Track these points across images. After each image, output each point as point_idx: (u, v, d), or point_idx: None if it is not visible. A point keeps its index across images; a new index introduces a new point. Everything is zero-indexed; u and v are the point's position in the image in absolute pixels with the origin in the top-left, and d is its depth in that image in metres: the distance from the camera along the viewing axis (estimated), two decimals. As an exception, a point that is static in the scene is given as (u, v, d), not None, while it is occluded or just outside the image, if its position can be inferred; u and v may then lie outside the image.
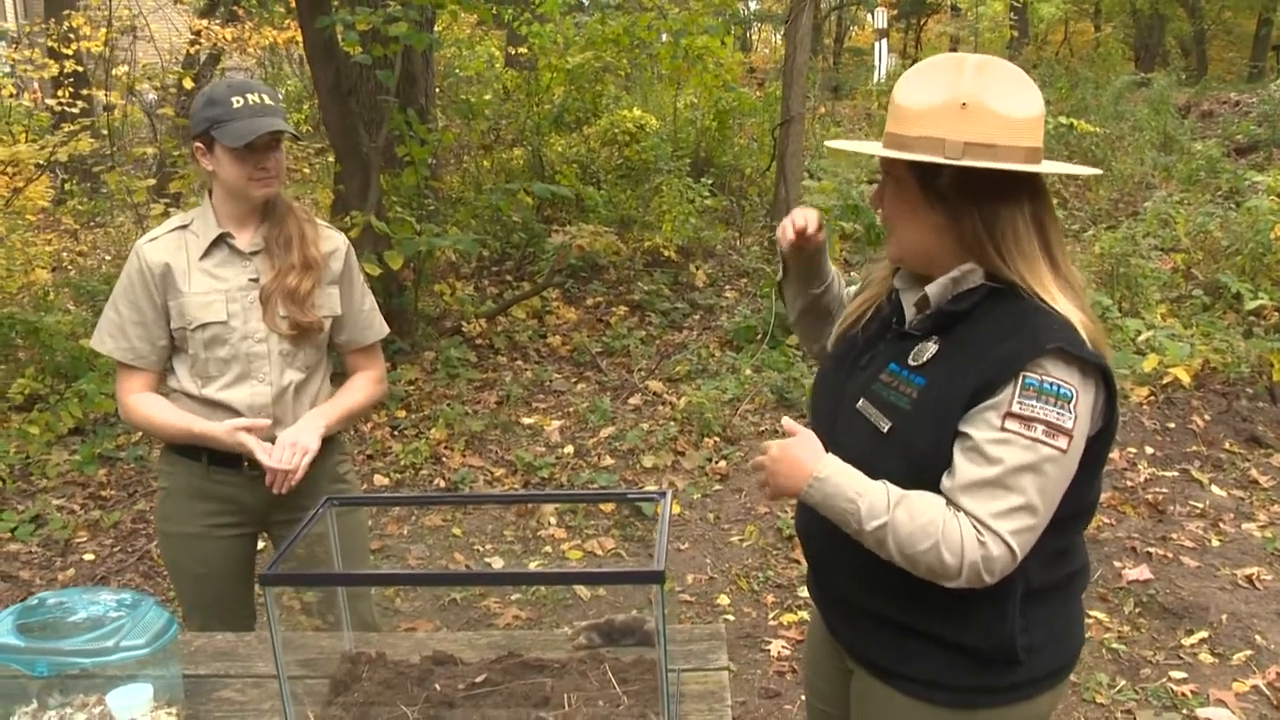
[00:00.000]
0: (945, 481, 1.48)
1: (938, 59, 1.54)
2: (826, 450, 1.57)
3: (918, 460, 1.51)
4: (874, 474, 1.53)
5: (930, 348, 1.56)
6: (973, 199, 1.50)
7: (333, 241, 2.47)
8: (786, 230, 1.79)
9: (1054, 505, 1.47)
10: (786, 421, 1.67)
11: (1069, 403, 1.44)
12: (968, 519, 1.44)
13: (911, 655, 1.62)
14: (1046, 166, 1.51)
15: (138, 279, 2.32)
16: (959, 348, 1.53)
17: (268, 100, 2.28)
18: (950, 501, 1.47)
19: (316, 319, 2.38)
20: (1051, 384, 1.44)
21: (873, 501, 1.47)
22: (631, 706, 1.67)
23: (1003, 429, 1.44)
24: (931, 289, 1.58)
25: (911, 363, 1.57)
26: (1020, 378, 1.44)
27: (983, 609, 1.54)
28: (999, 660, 1.58)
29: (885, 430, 1.56)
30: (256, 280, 2.35)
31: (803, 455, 1.56)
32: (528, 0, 9.34)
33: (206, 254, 2.34)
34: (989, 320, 1.52)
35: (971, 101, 1.47)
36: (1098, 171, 1.69)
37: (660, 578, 1.50)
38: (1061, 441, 1.43)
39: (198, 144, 2.30)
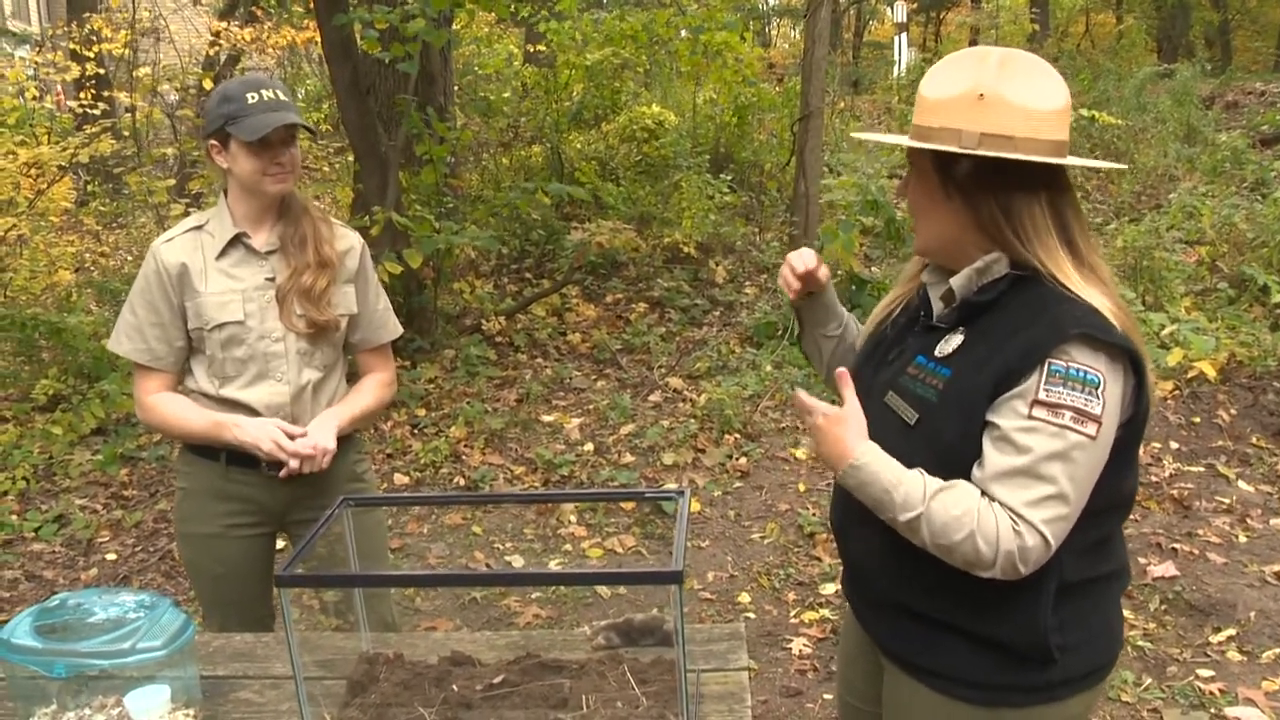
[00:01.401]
0: (976, 472, 1.47)
1: (964, 52, 1.56)
2: None
3: (945, 452, 1.51)
4: (904, 464, 1.52)
5: (956, 339, 1.56)
6: (989, 189, 1.51)
7: (348, 240, 2.47)
8: (789, 277, 1.81)
9: (1085, 494, 1.46)
10: (841, 372, 1.63)
11: (1096, 389, 1.42)
12: (1003, 509, 1.43)
13: (942, 651, 1.61)
14: (1060, 158, 1.50)
15: (154, 280, 2.31)
16: (983, 337, 1.52)
17: (282, 96, 2.29)
18: (983, 492, 1.46)
19: (333, 318, 2.38)
20: (1078, 370, 1.43)
21: (908, 492, 1.47)
22: (650, 708, 1.65)
23: (1030, 417, 1.43)
24: (956, 281, 1.58)
25: (938, 355, 1.57)
26: (1046, 365, 1.43)
27: (1015, 602, 1.53)
28: (1032, 658, 1.55)
29: (913, 423, 1.56)
30: (273, 279, 2.34)
31: (846, 436, 1.55)
32: (546, -2, 9.35)
33: (223, 254, 2.33)
34: (1012, 309, 1.51)
35: (989, 92, 1.47)
36: (1120, 166, 1.67)
37: (678, 578, 1.48)
38: (1090, 428, 1.42)
39: (213, 142, 2.30)
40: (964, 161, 1.50)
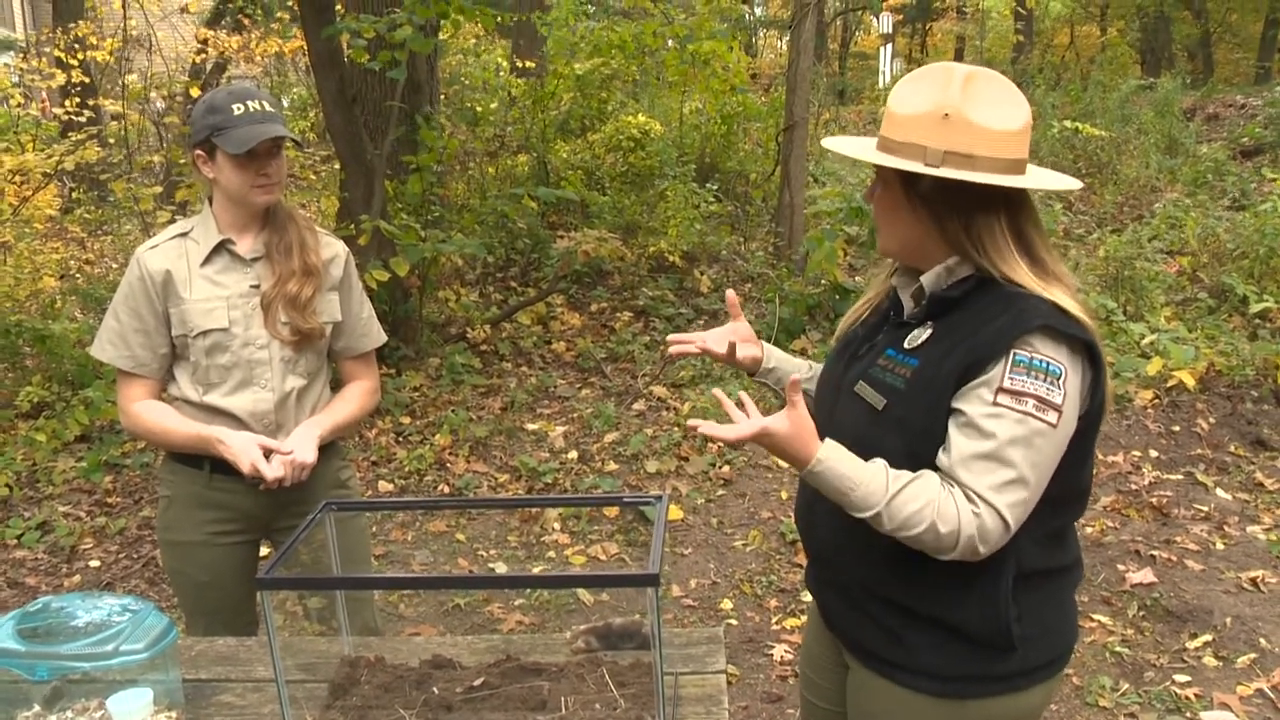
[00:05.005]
0: (942, 457, 1.53)
1: (932, 67, 1.61)
2: (822, 432, 1.58)
3: (912, 436, 1.57)
4: (872, 449, 1.57)
5: (924, 332, 1.62)
6: (950, 204, 1.57)
7: (332, 248, 2.48)
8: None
9: (1045, 480, 1.52)
10: (793, 379, 1.57)
11: (1058, 379, 1.49)
12: (961, 492, 1.49)
13: (908, 643, 1.65)
14: (1023, 181, 1.55)
15: (138, 286, 2.32)
16: (951, 330, 1.58)
17: (268, 107, 2.29)
18: (948, 475, 1.51)
19: (318, 325, 2.39)
20: (1041, 361, 1.49)
21: (868, 491, 1.51)
22: (628, 710, 1.68)
23: (995, 404, 1.49)
24: (926, 278, 1.64)
25: (907, 347, 1.63)
26: (1010, 355, 1.50)
27: (976, 587, 1.58)
28: (995, 645, 1.60)
29: (880, 408, 1.62)
30: (257, 287, 2.35)
31: (799, 445, 1.54)
32: (531, 8, 9.38)
33: (207, 261, 2.34)
34: (979, 305, 1.58)
35: (954, 112, 1.53)
36: (1076, 185, 1.70)
37: (655, 580, 1.51)
38: (1051, 416, 1.48)
39: (198, 151, 2.31)
40: (927, 178, 1.56)
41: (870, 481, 1.51)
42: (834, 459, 1.53)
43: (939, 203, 1.58)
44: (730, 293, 2.00)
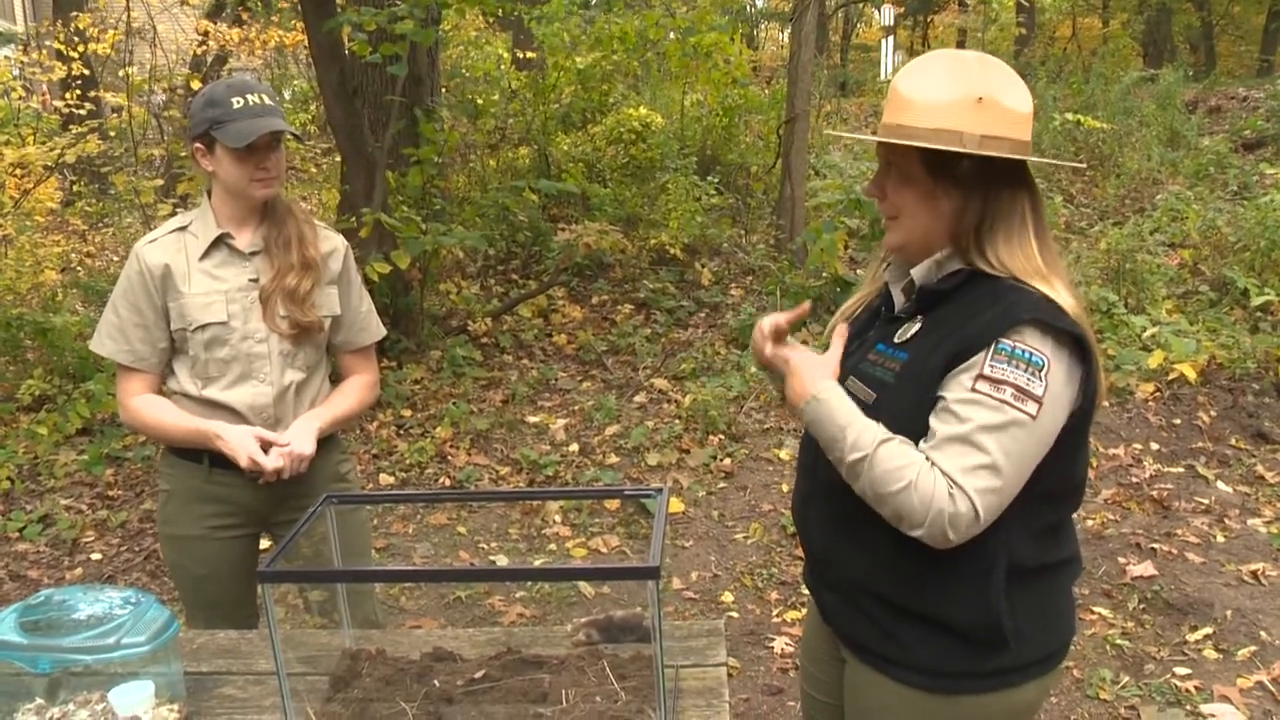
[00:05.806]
0: (922, 444, 1.53)
1: (941, 55, 1.61)
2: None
3: (901, 429, 1.56)
4: None
5: (914, 326, 1.62)
6: (980, 189, 1.56)
7: (331, 242, 2.48)
8: (759, 341, 1.82)
9: (1022, 473, 1.50)
10: (841, 327, 1.73)
11: (1040, 370, 1.48)
12: (942, 473, 1.48)
13: (899, 638, 1.65)
14: (1043, 158, 1.57)
15: (137, 280, 2.32)
16: (940, 324, 1.58)
17: (267, 100, 2.29)
18: (926, 460, 1.51)
19: (316, 319, 2.39)
20: (1024, 351, 1.48)
21: (859, 434, 1.52)
22: (629, 702, 1.68)
23: (973, 390, 1.48)
24: (916, 271, 1.64)
25: (896, 340, 1.63)
26: (994, 343, 1.49)
27: (968, 583, 1.58)
28: (987, 642, 1.60)
29: (870, 402, 1.61)
30: (256, 280, 2.35)
31: (815, 373, 1.62)
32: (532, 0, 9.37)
33: (206, 255, 2.34)
34: (968, 299, 1.57)
35: (986, 97, 1.53)
36: (1080, 165, 1.73)
37: (655, 573, 1.51)
38: (1030, 407, 1.46)
39: (197, 145, 2.31)
40: (964, 162, 1.55)
41: (865, 430, 1.52)
42: (836, 395, 1.57)
43: (973, 186, 1.56)
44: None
